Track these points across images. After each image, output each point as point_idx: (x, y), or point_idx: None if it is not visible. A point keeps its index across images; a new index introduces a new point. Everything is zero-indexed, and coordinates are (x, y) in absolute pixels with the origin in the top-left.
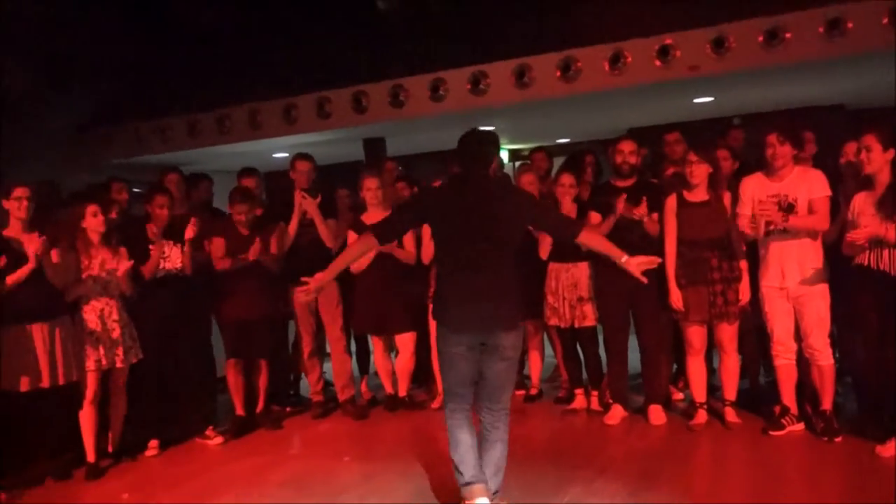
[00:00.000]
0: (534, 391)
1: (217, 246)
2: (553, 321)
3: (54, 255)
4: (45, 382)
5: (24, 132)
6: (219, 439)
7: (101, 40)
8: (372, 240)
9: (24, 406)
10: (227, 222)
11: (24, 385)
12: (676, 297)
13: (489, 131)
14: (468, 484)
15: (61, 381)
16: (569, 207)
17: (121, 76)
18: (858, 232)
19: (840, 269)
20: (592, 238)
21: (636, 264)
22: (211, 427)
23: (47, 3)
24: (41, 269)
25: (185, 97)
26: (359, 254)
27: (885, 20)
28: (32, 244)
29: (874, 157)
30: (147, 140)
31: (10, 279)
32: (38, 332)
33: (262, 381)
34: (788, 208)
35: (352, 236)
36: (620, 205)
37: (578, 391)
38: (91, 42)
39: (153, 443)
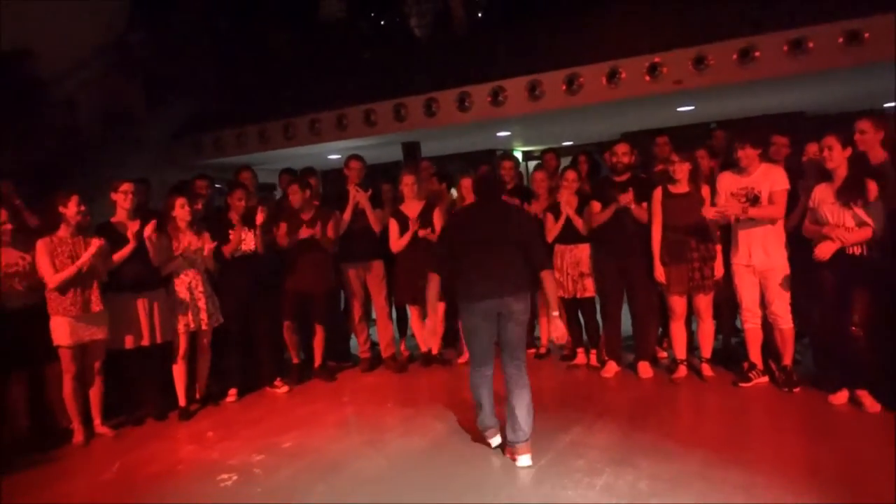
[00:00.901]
0: (543, 350)
1: (281, 228)
2: (559, 293)
3: (153, 238)
4: (146, 341)
5: (129, 139)
6: (285, 388)
7: (191, 65)
8: (436, 278)
9: (129, 361)
10: (290, 210)
11: (129, 343)
12: (660, 273)
13: (496, 175)
14: (488, 428)
15: (158, 341)
16: (571, 199)
17: (206, 94)
18: (826, 247)
19: (801, 247)
20: (548, 281)
21: None
22: (279, 378)
23: (149, 35)
24: (142, 250)
25: (257, 110)
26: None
27: (841, 40)
28: (134, 229)
29: (835, 155)
30: (226, 145)
31: (116, 256)
32: (140, 301)
33: (319, 342)
34: (754, 200)
35: (392, 224)
36: (621, 196)
37: (580, 350)
38: (183, 66)
39: (232, 391)
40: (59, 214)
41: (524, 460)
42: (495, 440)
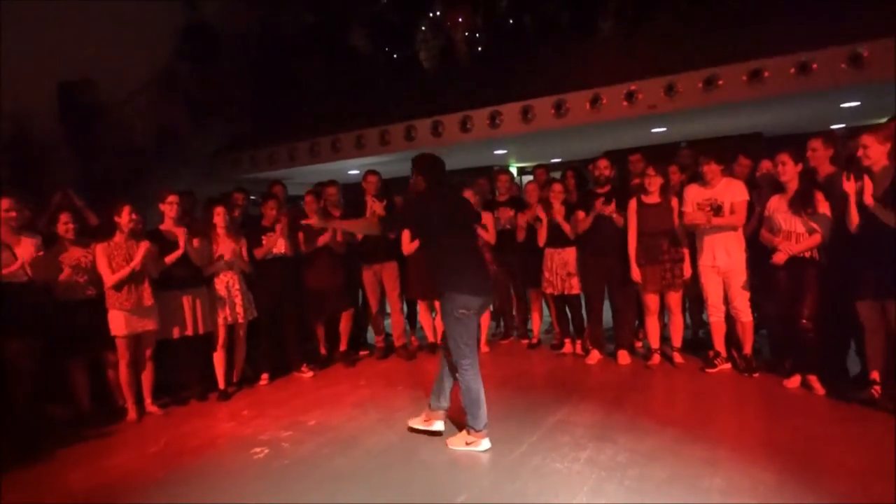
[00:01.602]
0: (535, 340)
1: (299, 236)
2: (549, 290)
3: (195, 243)
4: (190, 332)
5: (175, 156)
6: (310, 373)
7: (230, 92)
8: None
9: (175, 349)
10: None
11: (175, 333)
12: (636, 273)
13: (436, 157)
14: (484, 427)
15: (201, 332)
16: (559, 208)
17: (243, 117)
18: (780, 255)
19: (758, 251)
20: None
21: None
22: (305, 365)
23: (194, 66)
24: (187, 253)
25: (287, 131)
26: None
27: (793, 70)
28: (181, 235)
29: (788, 170)
30: (260, 161)
31: (168, 259)
32: (185, 297)
33: (345, 328)
34: (717, 209)
35: (405, 231)
36: (598, 205)
37: (567, 340)
38: (223, 93)
39: (265, 375)
40: (115, 223)
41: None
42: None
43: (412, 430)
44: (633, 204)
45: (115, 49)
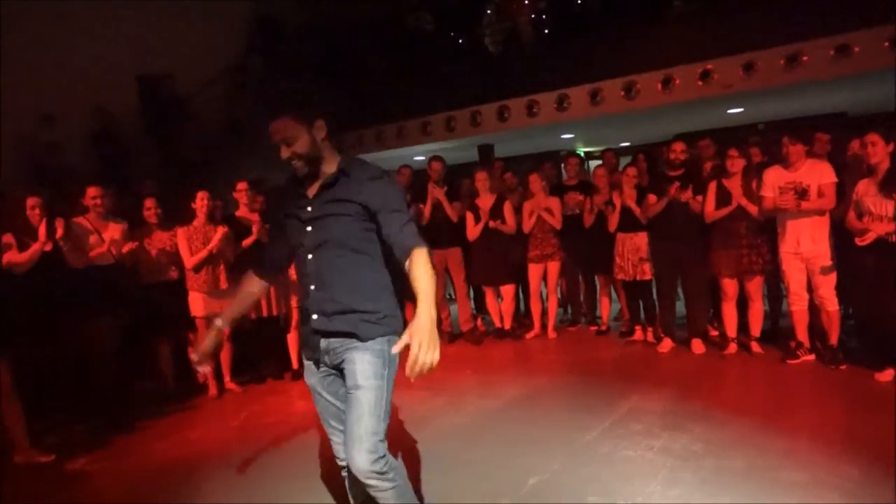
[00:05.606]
0: (604, 328)
1: None
2: (619, 276)
3: (263, 230)
4: (265, 313)
5: (244, 146)
6: None
7: (297, 83)
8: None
9: (253, 331)
10: None
11: (252, 315)
12: (716, 257)
13: None
14: None
15: (275, 313)
16: (631, 192)
17: (308, 109)
18: (867, 236)
19: (845, 236)
20: None
21: None
22: None
23: (263, 59)
24: (260, 239)
25: (353, 119)
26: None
27: (887, 45)
28: (255, 221)
29: (878, 150)
30: None
31: (244, 243)
32: None
33: (409, 315)
34: (802, 193)
35: (469, 215)
36: (673, 190)
37: (637, 327)
38: (290, 84)
39: None
40: (193, 209)
41: None
42: None
43: None
44: (712, 187)
45: (190, 44)
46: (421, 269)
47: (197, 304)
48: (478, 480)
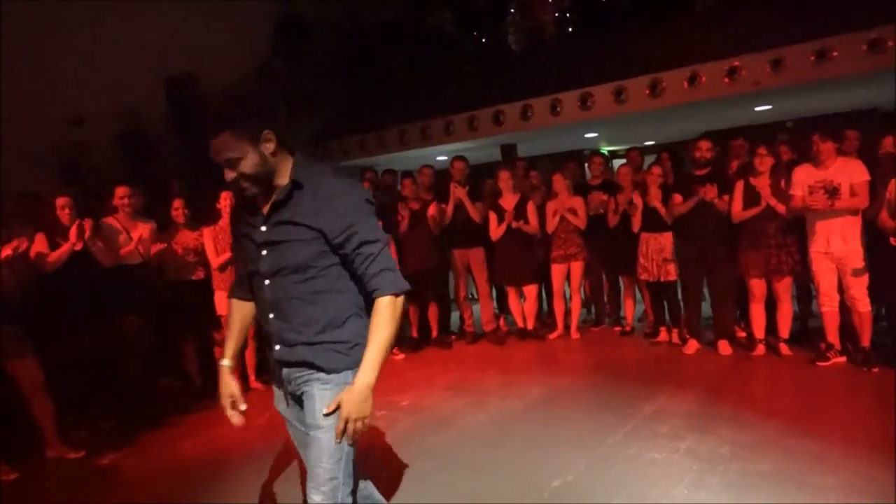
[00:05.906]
0: (628, 328)
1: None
2: (643, 276)
3: None
4: None
5: None
6: (402, 356)
7: (321, 83)
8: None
9: None
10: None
11: None
12: (744, 257)
13: None
14: None
15: None
16: (656, 192)
17: (334, 106)
18: None
19: (879, 236)
20: None
21: None
22: (396, 348)
23: (289, 59)
24: None
25: (376, 119)
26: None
27: None
28: None
29: None
30: (351, 149)
31: None
32: None
33: (433, 315)
34: (833, 192)
35: (491, 215)
36: (700, 191)
37: (662, 328)
38: (315, 84)
39: None
40: (218, 209)
41: None
42: None
43: None
44: (739, 185)
45: (216, 45)
46: (380, 318)
47: (223, 303)
48: (501, 482)
